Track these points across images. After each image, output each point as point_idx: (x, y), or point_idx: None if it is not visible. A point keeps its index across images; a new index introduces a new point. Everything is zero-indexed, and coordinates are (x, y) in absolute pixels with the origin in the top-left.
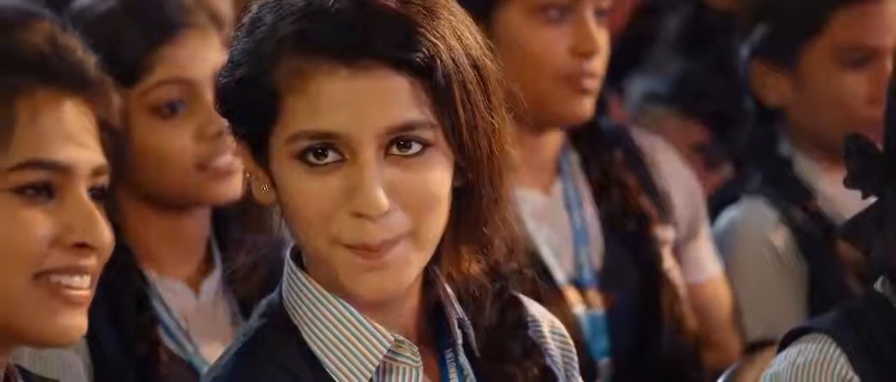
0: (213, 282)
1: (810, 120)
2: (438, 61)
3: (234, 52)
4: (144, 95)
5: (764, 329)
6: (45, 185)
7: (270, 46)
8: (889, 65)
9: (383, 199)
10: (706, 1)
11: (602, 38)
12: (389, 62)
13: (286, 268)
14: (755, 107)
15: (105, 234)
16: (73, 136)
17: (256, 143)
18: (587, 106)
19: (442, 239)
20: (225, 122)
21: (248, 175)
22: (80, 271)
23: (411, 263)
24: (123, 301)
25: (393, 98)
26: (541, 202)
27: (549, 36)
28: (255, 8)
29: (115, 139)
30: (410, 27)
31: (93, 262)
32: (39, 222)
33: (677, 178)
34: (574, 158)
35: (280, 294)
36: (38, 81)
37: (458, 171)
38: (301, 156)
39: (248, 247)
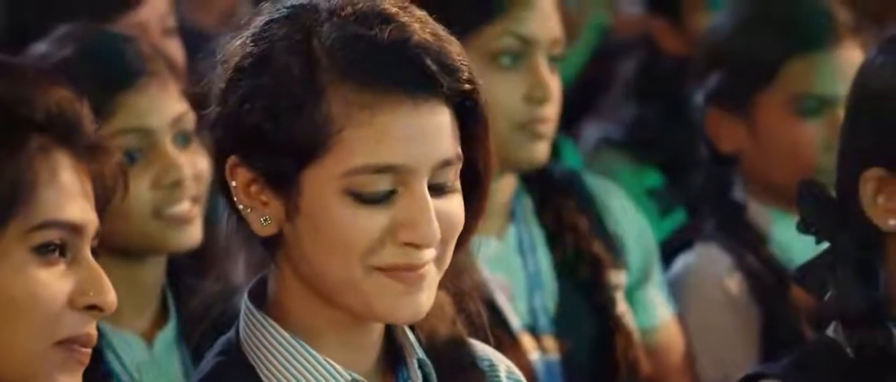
0: (167, 334)
1: (764, 166)
2: (479, 93)
3: (243, 88)
4: None
5: (717, 375)
6: (60, 246)
7: (317, 80)
8: (841, 114)
9: (439, 232)
10: (660, 46)
11: (555, 84)
12: (442, 95)
13: (244, 309)
14: (709, 153)
15: (113, 296)
16: (83, 197)
17: (277, 175)
18: (542, 151)
19: None
20: (187, 170)
21: (244, 208)
22: (92, 343)
23: (435, 285)
24: None
25: (443, 130)
26: (494, 247)
27: (503, 83)
28: (249, 41)
29: (100, 202)
30: (454, 59)
31: (96, 326)
32: (57, 282)
33: (629, 222)
34: (527, 203)
35: (237, 333)
36: (55, 142)
37: None
38: (354, 189)
39: (203, 294)
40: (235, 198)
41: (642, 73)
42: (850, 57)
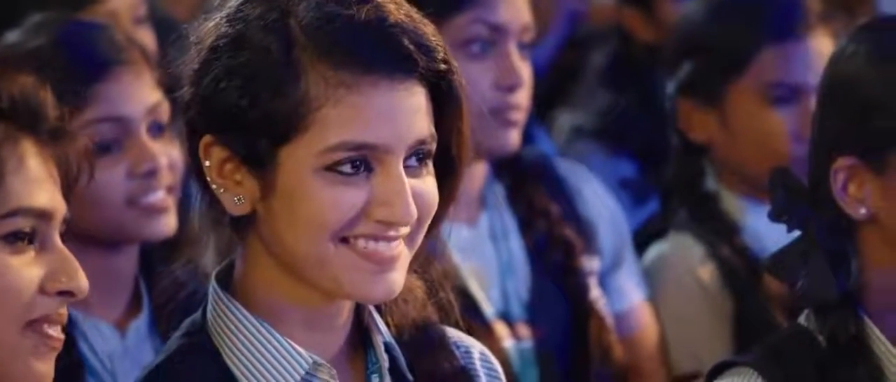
0: (140, 323)
1: (736, 156)
2: (454, 74)
3: (219, 68)
4: None
5: (691, 364)
6: (30, 233)
7: (295, 58)
8: (813, 103)
9: (415, 211)
10: (632, 35)
11: (525, 71)
12: (418, 75)
13: (211, 292)
14: (681, 143)
15: (84, 280)
16: (50, 183)
17: (253, 154)
18: (514, 138)
19: None
20: (162, 159)
21: (217, 187)
22: (62, 321)
23: (406, 265)
24: None
25: (419, 110)
26: (467, 235)
27: (474, 71)
28: (224, 21)
29: (66, 186)
30: (430, 39)
31: (66, 309)
32: (28, 269)
33: (601, 206)
34: (499, 190)
35: (203, 315)
36: (20, 130)
37: None
38: (331, 167)
39: (174, 275)
40: (209, 178)
41: (615, 62)
42: (821, 46)
